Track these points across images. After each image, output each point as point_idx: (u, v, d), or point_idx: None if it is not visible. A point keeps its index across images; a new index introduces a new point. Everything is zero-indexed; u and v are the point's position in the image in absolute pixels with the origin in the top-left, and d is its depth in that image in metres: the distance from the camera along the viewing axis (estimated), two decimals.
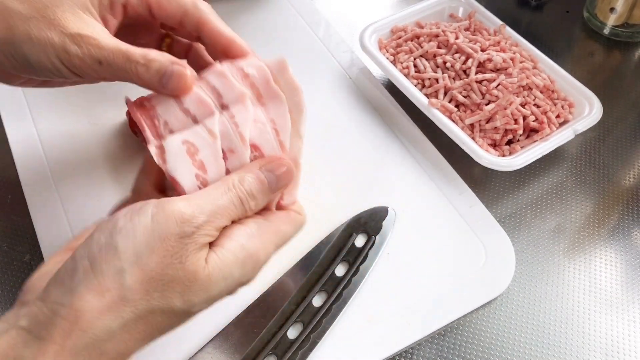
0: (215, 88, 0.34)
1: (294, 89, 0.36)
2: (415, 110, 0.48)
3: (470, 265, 0.40)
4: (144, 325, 0.28)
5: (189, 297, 0.28)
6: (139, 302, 0.27)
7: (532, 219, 0.46)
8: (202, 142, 0.32)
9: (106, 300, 0.27)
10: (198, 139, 0.32)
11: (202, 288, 0.29)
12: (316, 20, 0.57)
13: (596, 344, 0.39)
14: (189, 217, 0.28)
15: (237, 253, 0.30)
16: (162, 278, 0.28)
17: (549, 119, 0.47)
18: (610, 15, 0.59)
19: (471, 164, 0.45)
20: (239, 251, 0.30)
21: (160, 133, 0.33)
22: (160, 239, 0.28)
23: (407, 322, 0.38)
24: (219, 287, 0.29)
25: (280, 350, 0.36)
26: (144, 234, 0.28)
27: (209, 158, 0.32)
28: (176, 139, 0.32)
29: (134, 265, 0.27)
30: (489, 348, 0.39)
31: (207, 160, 0.32)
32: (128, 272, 0.27)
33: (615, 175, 0.49)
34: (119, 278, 0.27)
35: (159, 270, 0.28)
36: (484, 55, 0.48)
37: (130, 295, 0.27)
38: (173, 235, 0.28)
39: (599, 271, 0.43)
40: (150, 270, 0.27)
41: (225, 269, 0.29)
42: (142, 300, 0.27)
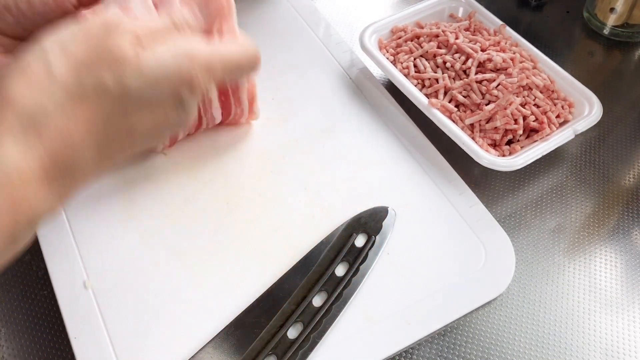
0: None
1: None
2: (415, 110, 0.48)
3: (470, 265, 0.40)
4: (81, 108, 0.27)
5: (120, 77, 0.28)
6: (68, 80, 0.27)
7: (532, 219, 0.46)
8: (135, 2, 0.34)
9: (33, 80, 0.26)
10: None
11: (134, 70, 0.28)
12: (316, 20, 0.57)
13: (596, 344, 0.39)
14: (116, 18, 0.29)
15: (170, 47, 0.29)
16: (90, 61, 0.27)
17: (549, 119, 0.47)
18: (610, 15, 0.59)
19: (471, 164, 0.45)
20: (171, 46, 0.29)
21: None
22: (84, 30, 0.28)
23: (407, 322, 0.38)
24: (153, 72, 0.28)
25: (280, 350, 0.36)
26: (68, 30, 0.28)
27: (140, 10, 0.34)
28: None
29: (61, 54, 0.27)
30: (489, 348, 0.39)
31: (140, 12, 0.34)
32: (53, 56, 0.27)
33: (615, 175, 0.49)
34: (44, 62, 0.27)
35: (85, 56, 0.27)
36: (484, 55, 0.48)
37: (58, 74, 0.27)
38: (97, 24, 0.28)
39: (599, 271, 0.43)
40: (77, 56, 0.27)
41: (158, 55, 0.29)
42: (70, 77, 0.27)
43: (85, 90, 0.27)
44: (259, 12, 0.57)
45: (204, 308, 0.38)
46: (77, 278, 0.39)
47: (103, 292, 0.38)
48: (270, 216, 0.43)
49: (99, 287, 0.38)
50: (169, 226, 0.42)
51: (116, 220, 0.42)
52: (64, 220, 0.41)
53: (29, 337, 0.39)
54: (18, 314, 0.40)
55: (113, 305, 0.38)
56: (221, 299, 0.38)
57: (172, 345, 0.36)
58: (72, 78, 0.27)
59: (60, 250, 0.40)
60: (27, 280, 0.41)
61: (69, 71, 0.27)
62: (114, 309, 0.38)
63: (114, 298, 0.38)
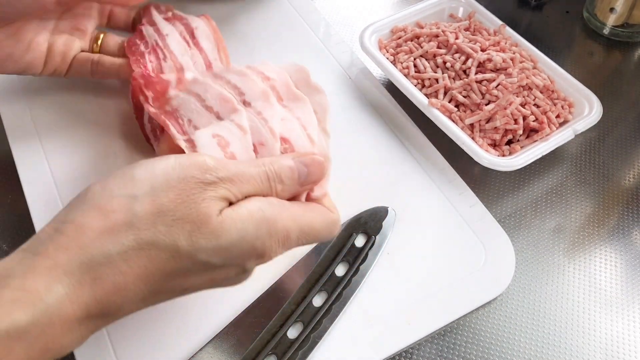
0: (236, 86, 0.34)
1: (317, 90, 0.36)
2: (415, 110, 0.48)
3: (470, 265, 0.40)
4: (145, 259, 0.26)
5: (196, 238, 0.27)
6: (144, 232, 0.26)
7: (532, 219, 0.46)
8: (232, 136, 0.32)
9: (110, 221, 0.26)
10: (228, 133, 0.32)
11: (212, 233, 0.27)
12: (316, 20, 0.57)
13: (596, 343, 0.39)
14: (213, 168, 0.28)
15: (253, 212, 0.28)
16: (172, 214, 0.26)
17: (549, 119, 0.47)
18: (610, 15, 0.59)
19: (471, 164, 0.45)
20: (255, 211, 0.28)
21: (185, 130, 0.33)
22: (179, 179, 0.27)
23: (407, 322, 0.38)
24: (230, 239, 0.27)
25: (280, 350, 0.36)
26: (164, 171, 0.27)
27: (240, 151, 0.32)
28: (205, 132, 0.32)
29: (147, 196, 0.26)
30: (489, 348, 0.39)
31: (239, 153, 0.32)
32: (139, 200, 0.26)
33: (615, 175, 0.49)
34: (128, 203, 0.26)
35: (171, 207, 0.26)
36: (483, 55, 0.48)
37: (137, 222, 0.26)
38: (193, 178, 0.27)
39: (599, 271, 0.43)
40: (162, 205, 0.26)
41: (238, 222, 0.27)
42: (147, 230, 0.26)
43: (156, 244, 0.26)
44: (259, 12, 0.57)
45: (204, 308, 0.38)
46: None
47: None
48: None
49: None
50: None
51: None
52: None
53: None
54: None
55: None
56: (221, 299, 0.38)
57: (172, 345, 0.36)
58: (147, 231, 0.26)
59: None
60: None
61: (147, 219, 0.26)
62: None
63: None
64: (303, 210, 0.31)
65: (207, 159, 0.28)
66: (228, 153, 0.32)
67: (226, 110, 0.33)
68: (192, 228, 0.26)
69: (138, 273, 0.26)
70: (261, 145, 0.33)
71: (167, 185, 0.27)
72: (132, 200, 0.26)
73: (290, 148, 0.34)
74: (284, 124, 0.34)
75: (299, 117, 0.35)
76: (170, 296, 0.29)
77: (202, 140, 0.32)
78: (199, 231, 0.27)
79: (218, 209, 0.27)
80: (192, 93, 0.35)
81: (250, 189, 0.29)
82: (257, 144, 0.33)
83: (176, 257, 0.26)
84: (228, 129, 0.32)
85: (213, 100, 0.33)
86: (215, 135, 0.32)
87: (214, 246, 0.27)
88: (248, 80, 0.34)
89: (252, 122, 0.33)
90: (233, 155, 0.32)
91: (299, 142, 0.34)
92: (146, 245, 0.26)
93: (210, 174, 0.28)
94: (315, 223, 0.31)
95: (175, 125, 0.33)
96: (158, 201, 0.26)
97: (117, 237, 0.26)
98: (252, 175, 0.29)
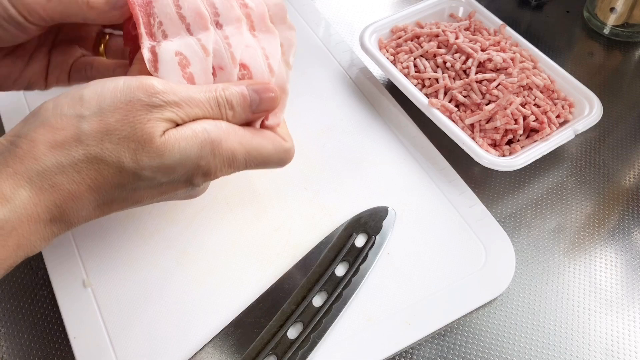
0: (214, 5, 0.35)
1: (289, 27, 0.38)
2: (415, 110, 0.48)
3: (470, 265, 0.40)
4: (95, 172, 0.29)
5: (140, 156, 0.29)
6: (92, 147, 0.28)
7: (532, 219, 0.46)
8: (195, 57, 0.33)
9: (59, 137, 0.28)
10: (191, 53, 0.33)
11: (155, 152, 0.29)
12: (316, 20, 0.57)
13: (596, 343, 0.39)
14: (160, 91, 0.29)
15: (198, 132, 0.30)
16: (118, 133, 0.28)
17: (549, 118, 0.47)
18: (610, 15, 0.59)
19: (471, 164, 0.45)
20: (199, 131, 0.30)
21: (153, 32, 0.34)
22: (126, 101, 0.29)
23: (407, 322, 0.38)
24: (173, 158, 0.29)
25: (280, 350, 0.36)
26: (112, 93, 0.29)
27: (199, 72, 0.33)
28: (170, 48, 0.33)
29: (95, 115, 0.29)
30: (489, 348, 0.39)
31: (197, 74, 0.33)
32: (87, 119, 0.29)
33: (615, 175, 0.49)
34: (76, 121, 0.28)
35: (117, 126, 0.28)
36: (484, 55, 0.48)
37: (84, 139, 0.28)
38: (140, 101, 0.29)
39: (599, 271, 0.43)
40: (109, 124, 0.28)
41: (181, 140, 0.29)
42: (94, 146, 0.28)
43: (103, 159, 0.29)
44: None
45: (204, 308, 0.38)
46: (77, 278, 0.39)
47: (103, 291, 0.38)
48: (270, 216, 0.43)
49: (99, 286, 0.38)
50: (169, 226, 0.42)
51: (116, 219, 0.42)
52: None
53: (29, 337, 0.39)
54: (18, 314, 0.40)
55: (113, 305, 0.38)
56: (221, 298, 0.38)
57: (172, 345, 0.36)
58: (94, 147, 0.28)
59: (60, 250, 0.40)
60: (27, 280, 0.41)
61: (94, 136, 0.28)
62: (113, 308, 0.38)
63: (114, 298, 0.38)
64: (252, 134, 0.33)
65: (155, 83, 0.30)
66: (187, 73, 0.33)
67: (197, 26, 0.34)
68: (136, 147, 0.29)
69: (89, 184, 0.29)
70: (220, 69, 0.34)
71: (114, 106, 0.29)
72: (80, 119, 0.28)
73: (249, 75, 0.35)
74: (247, 51, 0.35)
75: (264, 47, 0.36)
76: (124, 206, 0.31)
77: (165, 56, 0.33)
78: (143, 150, 0.29)
79: (162, 129, 0.29)
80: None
81: (199, 112, 0.31)
82: (216, 68, 0.34)
83: (122, 172, 0.29)
84: (192, 49, 0.34)
85: (188, 12, 0.34)
86: (178, 53, 0.33)
87: (157, 164, 0.29)
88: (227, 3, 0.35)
89: (217, 44, 0.34)
90: (192, 76, 0.33)
91: (258, 70, 0.35)
92: (94, 159, 0.28)
93: (157, 98, 0.29)
94: (264, 148, 0.33)
95: (146, 24, 0.34)
96: (105, 120, 0.28)
97: (68, 150, 0.28)
98: (201, 100, 0.31)
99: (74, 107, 0.29)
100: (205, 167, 0.31)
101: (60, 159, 0.28)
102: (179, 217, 0.42)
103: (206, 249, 0.41)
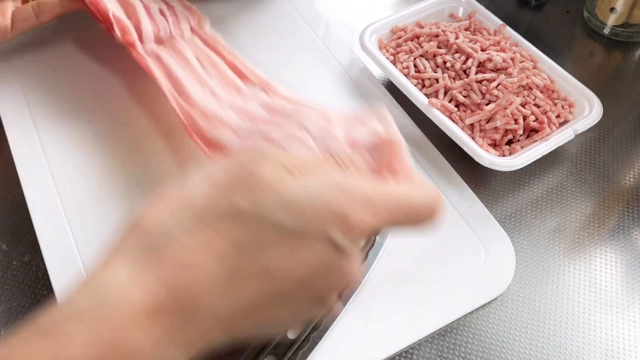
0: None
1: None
2: (415, 110, 0.48)
3: (470, 265, 0.40)
4: (210, 232, 0.23)
5: (256, 196, 0.23)
6: (203, 203, 0.24)
7: (532, 219, 0.46)
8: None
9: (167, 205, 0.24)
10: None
11: (272, 191, 0.24)
12: (316, 20, 0.57)
13: (596, 344, 0.39)
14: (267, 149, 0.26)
15: (322, 176, 0.25)
16: (229, 184, 0.24)
17: (549, 118, 0.47)
18: (610, 15, 0.59)
19: (471, 164, 0.45)
20: (323, 175, 0.25)
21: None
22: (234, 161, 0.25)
23: (407, 322, 0.38)
24: (295, 193, 0.24)
25: (280, 350, 0.36)
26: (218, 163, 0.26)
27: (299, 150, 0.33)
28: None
29: (203, 180, 0.25)
30: (489, 348, 0.39)
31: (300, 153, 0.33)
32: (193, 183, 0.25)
33: (615, 175, 0.49)
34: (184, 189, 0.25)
35: (227, 180, 0.24)
36: (484, 55, 0.48)
37: (195, 199, 0.24)
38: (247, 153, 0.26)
39: (599, 271, 0.43)
40: (218, 181, 0.25)
41: (300, 180, 0.24)
42: (206, 201, 0.24)
43: (215, 209, 0.23)
44: (259, 12, 0.57)
45: None
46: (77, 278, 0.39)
47: None
48: None
49: None
50: None
51: (116, 219, 0.42)
52: (64, 220, 0.41)
53: None
54: (17, 314, 0.40)
55: None
56: None
57: None
58: (207, 202, 0.24)
59: (60, 250, 0.40)
60: (27, 281, 0.41)
61: (206, 195, 0.24)
62: None
63: None
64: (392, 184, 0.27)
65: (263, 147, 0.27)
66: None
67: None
68: (251, 192, 0.24)
69: (205, 247, 0.22)
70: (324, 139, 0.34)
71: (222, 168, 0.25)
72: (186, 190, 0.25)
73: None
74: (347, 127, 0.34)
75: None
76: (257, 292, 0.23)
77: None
78: (259, 194, 0.23)
79: (278, 175, 0.24)
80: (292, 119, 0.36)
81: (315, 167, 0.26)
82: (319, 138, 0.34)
83: (240, 220, 0.23)
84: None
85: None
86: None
87: (279, 207, 0.23)
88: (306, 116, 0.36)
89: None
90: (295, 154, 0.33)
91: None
92: (207, 216, 0.23)
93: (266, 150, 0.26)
94: (413, 195, 0.26)
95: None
96: (214, 182, 0.25)
97: (175, 214, 0.23)
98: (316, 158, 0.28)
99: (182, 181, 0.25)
100: (338, 208, 0.24)
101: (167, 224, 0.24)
102: None
103: None
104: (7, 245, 0.43)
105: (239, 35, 0.55)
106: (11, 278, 0.41)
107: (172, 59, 0.44)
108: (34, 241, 0.41)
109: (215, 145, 0.37)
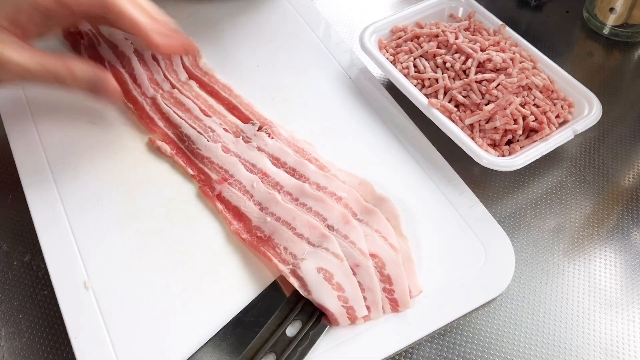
0: (318, 212, 0.40)
1: (383, 199, 0.42)
2: (415, 110, 0.48)
3: (470, 265, 0.40)
4: None
5: None
6: None
7: (532, 219, 0.46)
8: (333, 267, 0.37)
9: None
10: (329, 264, 0.38)
11: None
12: (316, 20, 0.57)
13: (596, 343, 0.39)
14: None
15: None
16: None
17: (549, 119, 0.47)
18: (609, 15, 0.59)
19: (471, 164, 0.45)
20: None
21: (284, 258, 0.39)
22: None
23: (407, 322, 0.38)
24: None
25: (279, 348, 0.36)
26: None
27: (342, 278, 0.37)
28: (310, 267, 0.37)
29: None
30: (489, 348, 0.39)
31: (342, 280, 0.37)
32: None
33: (615, 175, 0.49)
34: None
35: None
36: (483, 55, 0.48)
37: None
38: None
39: (599, 271, 0.43)
40: None
41: None
42: None
43: None
44: (259, 12, 0.57)
45: (204, 307, 0.38)
46: (78, 278, 0.39)
47: (103, 292, 0.38)
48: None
49: (99, 287, 0.38)
50: (169, 226, 0.42)
51: (116, 220, 0.42)
52: (64, 220, 0.41)
53: (29, 337, 0.39)
54: (18, 314, 0.40)
55: (113, 305, 0.38)
56: (220, 298, 0.38)
57: (172, 345, 0.36)
58: None
59: (61, 251, 0.40)
60: (27, 280, 0.41)
61: None
62: (114, 309, 0.38)
63: (114, 298, 0.38)
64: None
65: None
66: (334, 284, 0.37)
67: (315, 236, 0.39)
68: None
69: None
70: (356, 266, 0.38)
71: None
72: None
73: (380, 262, 0.38)
74: (368, 241, 0.39)
75: (378, 230, 0.40)
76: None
77: (310, 276, 0.37)
78: None
79: None
80: (282, 221, 0.40)
81: None
82: (353, 267, 0.38)
83: None
84: (327, 260, 0.38)
85: (303, 228, 0.39)
86: (320, 269, 0.37)
87: None
88: (327, 206, 0.40)
89: (344, 247, 0.38)
90: (339, 285, 0.37)
91: (386, 255, 0.39)
92: None
93: None
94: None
95: (276, 255, 0.39)
96: None
97: None
98: None
99: None
100: None
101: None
102: (179, 217, 0.42)
103: (206, 249, 0.41)
104: (8, 245, 0.43)
105: (239, 35, 0.55)
106: (12, 278, 0.41)
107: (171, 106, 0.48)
108: (35, 241, 0.41)
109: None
